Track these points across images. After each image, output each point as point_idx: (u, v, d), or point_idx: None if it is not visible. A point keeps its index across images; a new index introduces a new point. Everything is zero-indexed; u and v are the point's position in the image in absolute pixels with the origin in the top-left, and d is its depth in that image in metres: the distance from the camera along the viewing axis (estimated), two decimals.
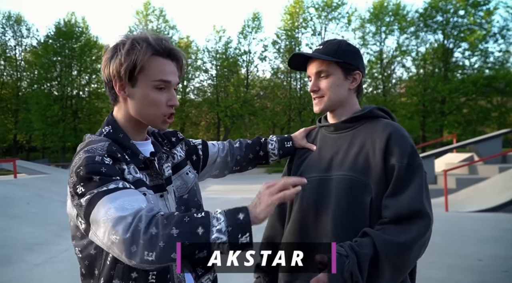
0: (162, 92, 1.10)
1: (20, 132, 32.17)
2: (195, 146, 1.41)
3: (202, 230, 0.88)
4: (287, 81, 31.67)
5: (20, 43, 33.06)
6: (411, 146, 1.23)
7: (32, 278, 4.36)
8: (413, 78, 30.21)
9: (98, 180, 0.96)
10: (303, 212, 1.33)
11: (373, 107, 1.36)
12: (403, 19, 29.02)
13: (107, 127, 1.14)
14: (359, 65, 1.34)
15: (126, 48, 1.07)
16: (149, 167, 1.12)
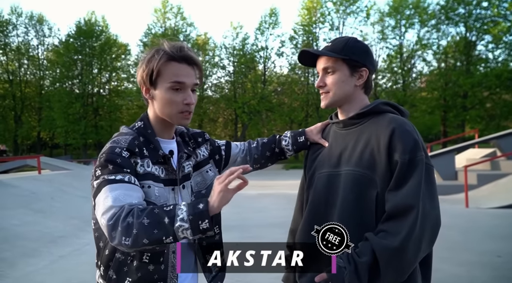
0: (178, 92, 1.24)
1: (43, 129, 33.06)
2: (219, 146, 1.55)
3: (167, 220, 1.04)
4: (304, 77, 31.54)
5: (42, 43, 33.94)
6: (414, 141, 1.24)
7: (57, 269, 4.54)
8: (434, 72, 29.65)
9: (111, 168, 1.15)
10: (314, 205, 1.40)
11: (379, 102, 1.37)
12: (423, 12, 28.47)
13: (140, 122, 1.32)
14: (366, 62, 1.36)
15: (147, 58, 1.25)
16: (166, 163, 1.28)
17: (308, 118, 30.20)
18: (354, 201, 1.28)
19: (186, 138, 1.43)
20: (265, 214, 7.80)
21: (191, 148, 1.42)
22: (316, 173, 1.44)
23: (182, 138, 1.42)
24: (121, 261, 1.21)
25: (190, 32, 32.19)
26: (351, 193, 1.29)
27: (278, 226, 6.69)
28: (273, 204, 9.08)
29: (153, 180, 1.22)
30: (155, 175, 1.23)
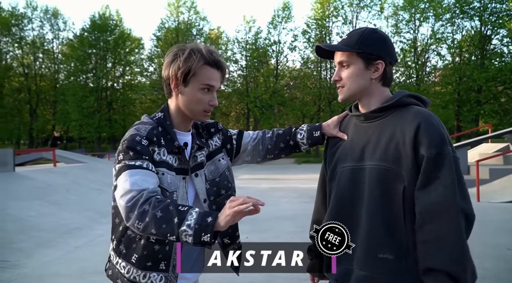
0: (206, 93, 1.37)
1: (58, 123, 33.56)
2: (230, 136, 1.62)
3: (177, 220, 1.10)
4: (317, 71, 31.37)
5: (57, 36, 34.39)
6: (440, 135, 1.22)
7: (72, 259, 4.68)
8: (448, 67, 29.21)
9: (132, 154, 1.27)
10: (339, 200, 1.39)
11: (402, 95, 1.33)
12: (438, 6, 28.01)
13: (160, 113, 1.43)
14: (382, 54, 1.32)
15: (185, 56, 1.34)
16: (180, 153, 1.39)
17: (320, 112, 30.08)
18: (381, 195, 1.26)
19: (200, 129, 1.53)
20: (276, 208, 7.87)
21: (204, 139, 1.50)
22: (338, 167, 1.42)
23: (196, 130, 1.51)
24: (131, 238, 1.34)
25: (203, 26, 32.29)
26: (378, 188, 1.27)
27: (288, 219, 6.77)
28: (284, 198, 9.15)
29: (167, 168, 1.33)
30: (169, 164, 1.34)
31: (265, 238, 5.22)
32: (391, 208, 1.25)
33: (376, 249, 1.26)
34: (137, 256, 1.33)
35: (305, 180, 13.27)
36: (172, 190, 1.32)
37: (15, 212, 6.50)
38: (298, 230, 5.73)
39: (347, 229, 1.24)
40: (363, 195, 1.31)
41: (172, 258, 1.35)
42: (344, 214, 1.35)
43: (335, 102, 28.93)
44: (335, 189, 1.41)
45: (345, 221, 1.31)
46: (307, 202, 8.30)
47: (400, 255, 1.24)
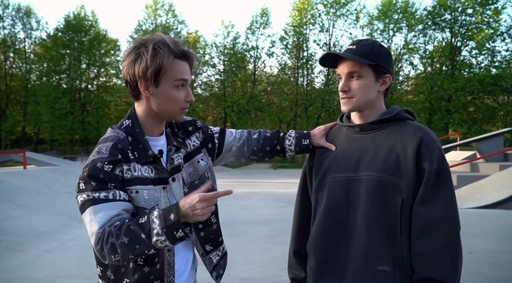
0: (181, 90, 1.25)
1: (28, 124, 32.57)
2: (212, 134, 1.50)
3: (144, 236, 1.08)
4: (294, 77, 31.69)
5: (29, 36, 33.46)
6: (439, 151, 1.25)
7: (43, 263, 4.58)
8: (420, 76, 30.09)
9: (95, 185, 1.16)
10: (331, 210, 1.35)
11: (399, 109, 1.36)
12: (411, 17, 28.88)
13: (128, 121, 1.30)
14: (390, 68, 1.35)
15: (151, 53, 1.20)
16: (156, 162, 1.27)
17: (296, 118, 30.35)
18: (378, 206, 1.26)
19: (175, 128, 1.40)
20: (251, 212, 7.92)
21: (180, 139, 1.39)
22: (327, 177, 1.39)
23: (171, 129, 1.39)
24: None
25: (181, 29, 32.14)
26: (376, 199, 1.27)
27: (263, 223, 6.81)
28: (259, 202, 9.19)
29: (142, 183, 1.22)
30: (143, 178, 1.23)
31: (240, 241, 5.26)
32: (390, 220, 1.26)
33: (375, 261, 1.26)
34: (128, 281, 1.24)
35: (281, 184, 13.35)
36: (151, 205, 1.22)
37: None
38: (273, 234, 5.78)
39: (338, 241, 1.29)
40: (358, 206, 1.30)
41: (166, 275, 1.27)
42: (337, 224, 1.34)
43: (312, 108, 29.30)
44: (325, 199, 1.38)
45: (338, 231, 1.34)
46: (282, 206, 8.37)
47: (395, 266, 1.25)
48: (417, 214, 1.25)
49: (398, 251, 1.26)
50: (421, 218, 1.24)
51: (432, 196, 1.23)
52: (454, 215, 1.24)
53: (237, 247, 4.92)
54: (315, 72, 31.52)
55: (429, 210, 1.23)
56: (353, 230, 1.31)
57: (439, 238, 1.23)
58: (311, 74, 31.28)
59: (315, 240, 1.39)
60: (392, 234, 1.26)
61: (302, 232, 1.51)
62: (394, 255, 1.26)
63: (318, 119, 29.05)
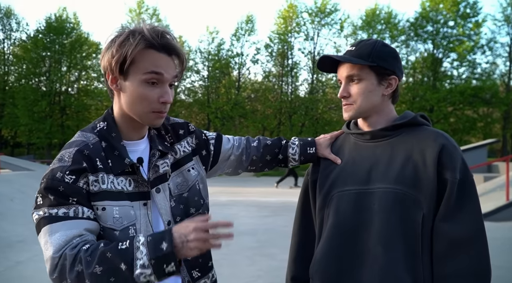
0: (154, 87, 1.04)
1: (5, 127, 31.62)
2: (207, 140, 1.32)
3: (125, 266, 0.89)
4: (278, 85, 31.76)
5: (9, 37, 32.55)
6: (462, 159, 1.13)
7: (13, 276, 4.29)
8: (402, 86, 30.56)
9: (53, 199, 0.98)
10: (338, 230, 1.21)
11: (415, 114, 1.24)
12: (394, 28, 29.35)
13: (103, 123, 1.11)
14: (395, 69, 1.22)
15: (120, 40, 1.03)
16: (135, 172, 1.08)
17: (280, 126, 30.38)
18: (396, 223, 1.12)
19: (163, 131, 1.20)
20: (234, 222, 7.67)
21: (167, 143, 1.19)
22: (334, 191, 1.24)
23: (158, 132, 1.19)
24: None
25: None
26: (393, 215, 1.12)
27: (248, 234, 6.63)
28: (243, 212, 9.01)
29: (111, 198, 1.03)
30: (114, 192, 1.03)
31: (226, 254, 5.05)
32: (410, 238, 1.12)
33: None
34: None
35: (265, 193, 13.21)
36: (124, 225, 1.02)
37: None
38: (258, 245, 5.62)
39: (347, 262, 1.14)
40: (370, 223, 1.15)
41: None
42: (346, 244, 1.19)
43: (296, 116, 29.34)
44: (333, 216, 1.22)
45: (347, 253, 1.18)
46: (266, 216, 8.22)
47: None
48: (439, 232, 1.11)
49: (419, 276, 1.11)
50: (444, 237, 1.10)
51: (456, 211, 1.10)
52: (481, 233, 1.11)
53: (223, 259, 4.73)
54: (299, 80, 31.80)
55: (452, 228, 1.10)
56: (365, 251, 1.15)
57: (465, 261, 1.08)
58: (295, 82, 31.38)
59: (321, 263, 1.22)
60: (412, 255, 1.12)
61: (302, 254, 1.35)
62: (415, 278, 1.11)
63: (302, 127, 29.11)
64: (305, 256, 1.33)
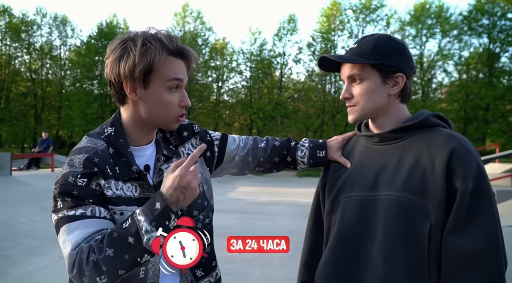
0: (174, 92, 1.08)
1: (62, 128, 33.68)
2: (211, 141, 1.32)
3: (132, 238, 0.92)
4: (321, 84, 31.35)
5: (64, 43, 34.66)
6: (477, 165, 1.03)
7: (57, 270, 4.52)
8: (455, 84, 29.07)
9: (70, 201, 1.01)
10: (343, 238, 1.16)
11: (428, 114, 1.15)
12: (445, 22, 27.98)
13: (110, 129, 1.13)
14: (402, 65, 1.12)
15: (139, 48, 1.02)
16: (142, 179, 1.10)
17: (323, 126, 29.96)
18: (400, 234, 1.05)
19: (167, 134, 1.22)
20: (272, 222, 7.69)
21: (172, 146, 1.21)
22: (341, 196, 1.19)
23: (163, 135, 1.21)
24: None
25: (209, 36, 32.40)
26: (397, 225, 1.05)
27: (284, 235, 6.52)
28: (281, 212, 8.96)
29: (126, 204, 1.06)
30: (126, 198, 1.06)
31: (258, 255, 5.01)
32: (414, 251, 1.04)
33: None
34: None
35: (306, 194, 13.04)
36: None
37: (6, 218, 6.38)
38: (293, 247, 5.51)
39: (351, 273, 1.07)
40: (375, 232, 1.09)
41: None
42: (350, 253, 1.13)
43: (339, 116, 28.78)
44: (338, 223, 1.18)
45: (351, 261, 1.12)
46: (305, 217, 8.07)
47: None
48: (447, 246, 1.02)
49: None
50: (452, 251, 1.01)
51: (466, 223, 1.00)
52: (496, 249, 0.99)
53: (255, 260, 4.70)
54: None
55: (461, 241, 1.00)
56: (368, 262, 1.10)
57: (474, 279, 0.97)
58: (338, 81, 30.78)
59: (324, 272, 1.18)
60: (416, 269, 1.03)
61: (313, 259, 1.29)
62: None
63: (346, 127, 28.50)
64: (315, 261, 1.27)
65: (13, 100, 32.70)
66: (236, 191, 13.38)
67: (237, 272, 4.42)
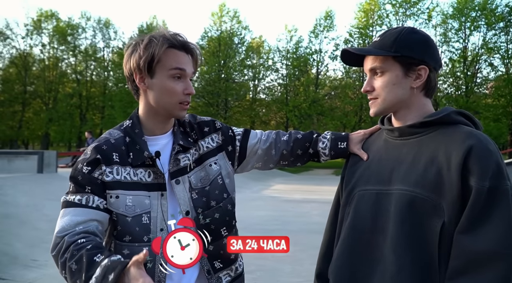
0: (178, 81, 1.17)
1: (105, 127, 34.98)
2: (233, 136, 1.36)
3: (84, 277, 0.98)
4: (359, 81, 30.73)
5: (108, 45, 35.99)
6: (496, 164, 0.98)
7: None
8: (502, 78, 27.57)
9: (72, 187, 1.15)
10: (355, 231, 1.16)
11: (450, 110, 1.11)
12: (491, 14, 26.59)
13: (128, 121, 1.25)
14: (425, 57, 1.09)
15: (144, 43, 1.16)
16: (154, 165, 1.18)
17: (361, 123, 29.36)
18: (410, 230, 1.03)
19: (188, 128, 1.29)
20: (305, 220, 7.68)
21: (191, 139, 1.27)
22: (356, 189, 1.19)
23: (183, 128, 1.29)
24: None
25: (245, 35, 32.60)
26: (408, 221, 1.04)
27: (317, 232, 6.50)
28: (315, 210, 8.91)
29: (125, 188, 1.15)
30: (128, 183, 1.15)
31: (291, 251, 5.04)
32: (425, 248, 1.02)
33: None
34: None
35: None
36: (136, 213, 1.14)
37: (51, 212, 6.74)
38: None
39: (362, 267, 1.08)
40: (387, 227, 1.08)
41: None
42: (361, 247, 1.13)
43: None
44: (351, 216, 1.18)
45: (362, 256, 1.13)
46: None
47: None
48: (457, 245, 0.99)
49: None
50: (462, 251, 0.98)
51: (479, 223, 0.97)
52: (508, 251, 0.94)
53: (286, 256, 4.74)
54: None
55: (474, 241, 0.97)
56: (379, 255, 1.08)
57: (484, 278, 0.94)
58: None
59: (336, 265, 1.18)
60: (426, 267, 1.02)
61: (330, 252, 1.29)
62: None
63: None
64: (332, 253, 1.28)
65: (60, 100, 34.35)
66: (271, 188, 13.42)
67: (268, 268, 4.49)
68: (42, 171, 9.26)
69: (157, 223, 1.15)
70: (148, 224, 1.14)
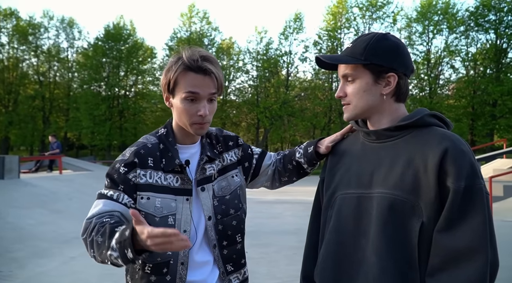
0: (193, 103, 1.24)
1: (70, 130, 33.96)
2: (251, 154, 1.48)
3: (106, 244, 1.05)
4: (328, 82, 31.26)
5: (72, 45, 34.98)
6: (471, 165, 1.02)
7: (65, 271, 4.56)
8: (462, 80, 28.81)
9: (107, 183, 1.25)
10: (338, 234, 1.18)
11: (424, 113, 1.14)
12: (452, 18, 27.75)
13: (163, 129, 1.35)
14: (394, 65, 1.12)
15: (167, 67, 1.27)
16: (182, 172, 1.28)
17: (331, 124, 29.88)
18: (392, 232, 1.06)
19: (214, 141, 1.41)
20: (279, 221, 7.70)
21: (217, 151, 1.39)
22: (338, 192, 1.21)
23: (210, 140, 1.40)
24: (133, 268, 1.28)
25: (215, 36, 32.50)
26: (389, 222, 1.07)
27: (291, 233, 6.59)
28: (289, 211, 8.97)
29: (156, 191, 1.24)
30: (159, 186, 1.25)
31: (266, 253, 5.03)
32: (406, 249, 1.05)
33: None
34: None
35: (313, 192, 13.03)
36: (163, 214, 1.23)
37: (15, 220, 6.44)
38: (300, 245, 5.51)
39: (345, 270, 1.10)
40: (369, 230, 1.11)
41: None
42: (345, 250, 1.15)
43: None
44: (333, 219, 1.20)
45: (345, 258, 1.15)
46: None
47: None
48: (436, 244, 1.03)
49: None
50: (441, 249, 1.02)
51: (456, 222, 1.01)
52: (485, 247, 0.99)
53: (262, 259, 4.72)
54: None
55: (451, 240, 1.01)
56: (362, 258, 1.12)
57: (461, 274, 0.99)
58: None
59: (321, 267, 1.21)
60: (407, 266, 1.05)
61: (314, 254, 1.31)
62: None
63: None
64: (317, 256, 1.29)
65: (21, 102, 33.03)
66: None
67: None
68: (3, 177, 8.79)
69: (181, 224, 1.25)
70: (173, 225, 1.23)
